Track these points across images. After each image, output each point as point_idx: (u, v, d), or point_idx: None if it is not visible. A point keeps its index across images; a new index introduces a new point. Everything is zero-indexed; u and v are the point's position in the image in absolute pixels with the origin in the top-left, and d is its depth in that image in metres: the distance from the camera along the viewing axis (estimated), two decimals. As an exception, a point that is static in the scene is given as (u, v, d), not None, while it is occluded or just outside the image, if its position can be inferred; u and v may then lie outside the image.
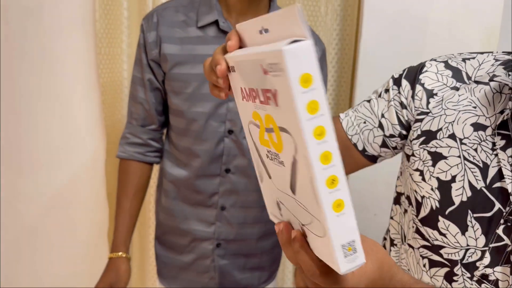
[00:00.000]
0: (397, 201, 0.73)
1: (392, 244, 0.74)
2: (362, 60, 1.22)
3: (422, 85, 0.64)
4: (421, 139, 0.64)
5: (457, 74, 0.63)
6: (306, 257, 0.40)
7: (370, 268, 0.44)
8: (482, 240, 0.59)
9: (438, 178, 0.61)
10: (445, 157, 0.61)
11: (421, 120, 0.64)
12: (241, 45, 0.42)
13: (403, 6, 1.15)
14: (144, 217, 1.43)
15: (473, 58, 0.64)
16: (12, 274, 1.38)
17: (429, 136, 0.63)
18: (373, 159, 0.71)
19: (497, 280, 0.59)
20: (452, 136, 0.61)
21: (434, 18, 1.14)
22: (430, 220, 0.63)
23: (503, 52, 0.64)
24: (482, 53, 0.65)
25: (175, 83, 0.95)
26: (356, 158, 0.71)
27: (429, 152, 0.63)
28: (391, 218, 0.74)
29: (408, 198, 0.68)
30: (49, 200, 1.38)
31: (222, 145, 0.97)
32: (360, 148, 0.70)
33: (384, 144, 0.69)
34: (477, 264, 0.60)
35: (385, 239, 0.77)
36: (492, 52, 0.65)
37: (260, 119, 0.39)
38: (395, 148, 0.69)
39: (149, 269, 1.48)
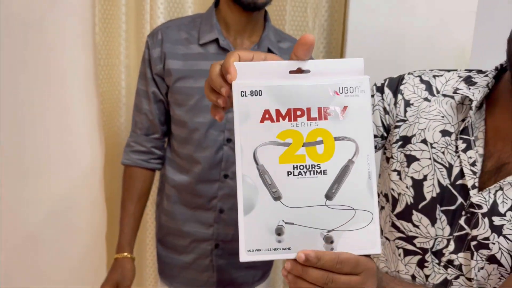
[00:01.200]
0: None
1: None
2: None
3: (402, 95, 0.75)
4: (399, 143, 0.74)
5: (428, 87, 0.74)
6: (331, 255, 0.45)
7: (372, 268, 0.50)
8: (447, 230, 0.69)
9: (412, 177, 0.71)
10: (418, 159, 0.71)
11: (399, 127, 0.74)
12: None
13: (384, 23, 1.25)
14: (142, 220, 1.49)
15: (441, 75, 0.75)
16: (13, 277, 1.42)
17: (405, 141, 0.73)
18: None
19: (461, 264, 0.69)
20: (424, 141, 0.71)
21: (412, 35, 1.23)
22: (405, 214, 0.72)
23: (465, 70, 0.75)
24: (448, 71, 0.76)
25: (178, 96, 1.02)
26: None
27: (405, 155, 0.73)
28: None
29: (385, 196, 0.77)
30: (49, 206, 1.43)
31: (221, 153, 1.04)
32: None
33: None
34: (444, 251, 0.69)
35: None
36: (456, 70, 0.75)
37: (296, 136, 0.46)
38: (375, 147, 0.80)
39: (147, 269, 1.54)
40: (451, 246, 0.69)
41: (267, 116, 0.45)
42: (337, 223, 0.46)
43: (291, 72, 0.47)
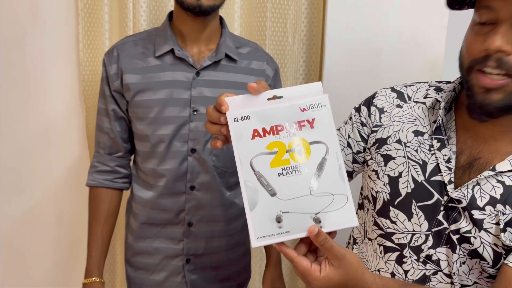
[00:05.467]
0: (360, 206, 0.87)
1: (355, 242, 0.87)
2: (326, 85, 1.35)
3: (375, 105, 0.82)
4: (376, 145, 0.80)
5: (400, 95, 0.81)
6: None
7: (336, 279, 0.59)
8: (425, 225, 0.72)
9: (388, 175, 0.76)
10: (393, 158, 0.77)
11: (376, 131, 0.80)
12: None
13: (361, 38, 1.29)
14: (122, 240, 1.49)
15: (413, 85, 0.83)
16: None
17: (381, 142, 0.79)
18: (349, 175, 0.86)
19: (439, 259, 0.72)
20: (399, 141, 0.77)
21: (387, 49, 1.28)
22: (383, 211, 0.77)
23: (435, 81, 0.82)
24: (419, 82, 0.83)
25: (138, 110, 1.02)
26: None
27: (382, 155, 0.78)
28: None
29: (367, 197, 0.81)
30: (35, 221, 1.43)
31: (185, 164, 1.03)
32: None
33: (354, 160, 0.85)
34: (422, 247, 0.73)
35: (348, 243, 0.91)
36: (427, 82, 0.83)
37: (280, 145, 0.58)
38: (364, 162, 0.85)
39: None
40: (430, 242, 0.72)
41: (256, 134, 0.58)
42: (321, 207, 0.58)
43: (268, 99, 0.60)
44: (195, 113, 1.01)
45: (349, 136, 0.84)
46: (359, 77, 1.30)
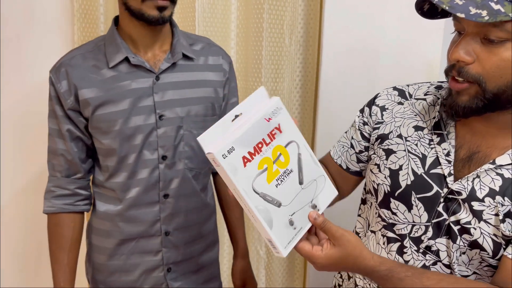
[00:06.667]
0: (363, 201, 0.90)
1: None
2: (323, 86, 1.35)
3: (377, 105, 0.86)
4: (378, 140, 0.83)
5: (401, 93, 0.85)
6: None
7: (336, 255, 0.66)
8: (425, 216, 0.75)
9: (389, 168, 0.80)
10: (394, 152, 0.80)
11: (378, 128, 0.84)
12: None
13: (357, 39, 1.29)
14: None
15: (415, 84, 0.86)
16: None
17: (383, 137, 0.83)
18: (359, 174, 0.90)
19: (438, 250, 0.75)
20: (400, 136, 0.80)
21: (384, 51, 1.28)
22: (385, 203, 0.80)
23: (437, 81, 0.85)
24: (421, 82, 0.87)
25: (101, 124, 0.97)
26: (346, 177, 0.90)
27: (384, 150, 0.82)
28: (359, 215, 0.91)
29: (369, 191, 0.84)
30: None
31: (157, 172, 1.00)
32: (345, 167, 0.89)
33: (359, 160, 0.88)
34: (422, 237, 0.76)
35: None
36: (430, 82, 0.86)
37: (267, 160, 0.64)
38: (367, 160, 0.87)
39: None
40: (430, 232, 0.75)
41: (245, 160, 0.62)
42: (312, 195, 0.68)
43: (232, 120, 0.64)
44: (162, 118, 0.98)
45: (352, 138, 0.88)
46: (355, 78, 1.31)
